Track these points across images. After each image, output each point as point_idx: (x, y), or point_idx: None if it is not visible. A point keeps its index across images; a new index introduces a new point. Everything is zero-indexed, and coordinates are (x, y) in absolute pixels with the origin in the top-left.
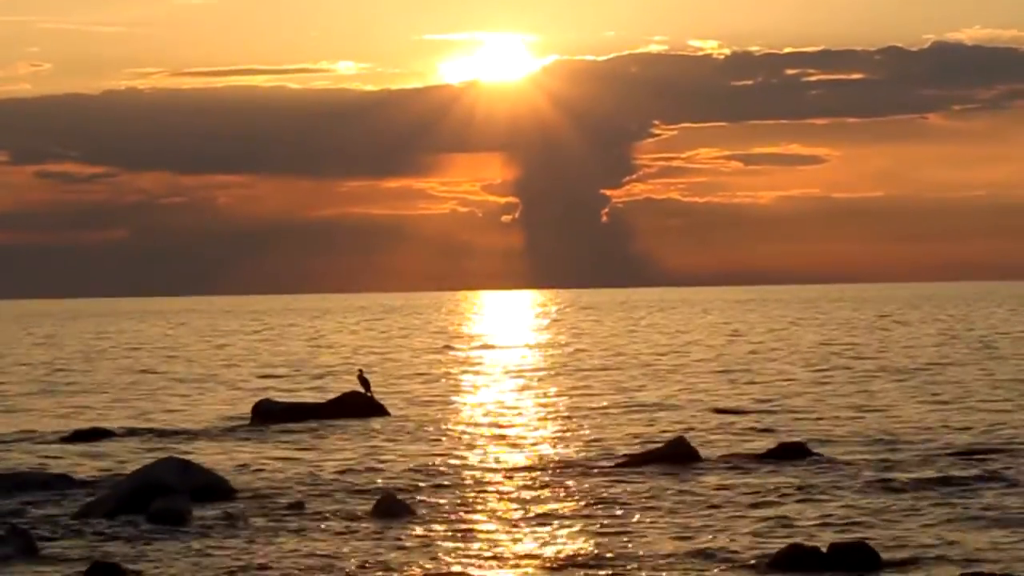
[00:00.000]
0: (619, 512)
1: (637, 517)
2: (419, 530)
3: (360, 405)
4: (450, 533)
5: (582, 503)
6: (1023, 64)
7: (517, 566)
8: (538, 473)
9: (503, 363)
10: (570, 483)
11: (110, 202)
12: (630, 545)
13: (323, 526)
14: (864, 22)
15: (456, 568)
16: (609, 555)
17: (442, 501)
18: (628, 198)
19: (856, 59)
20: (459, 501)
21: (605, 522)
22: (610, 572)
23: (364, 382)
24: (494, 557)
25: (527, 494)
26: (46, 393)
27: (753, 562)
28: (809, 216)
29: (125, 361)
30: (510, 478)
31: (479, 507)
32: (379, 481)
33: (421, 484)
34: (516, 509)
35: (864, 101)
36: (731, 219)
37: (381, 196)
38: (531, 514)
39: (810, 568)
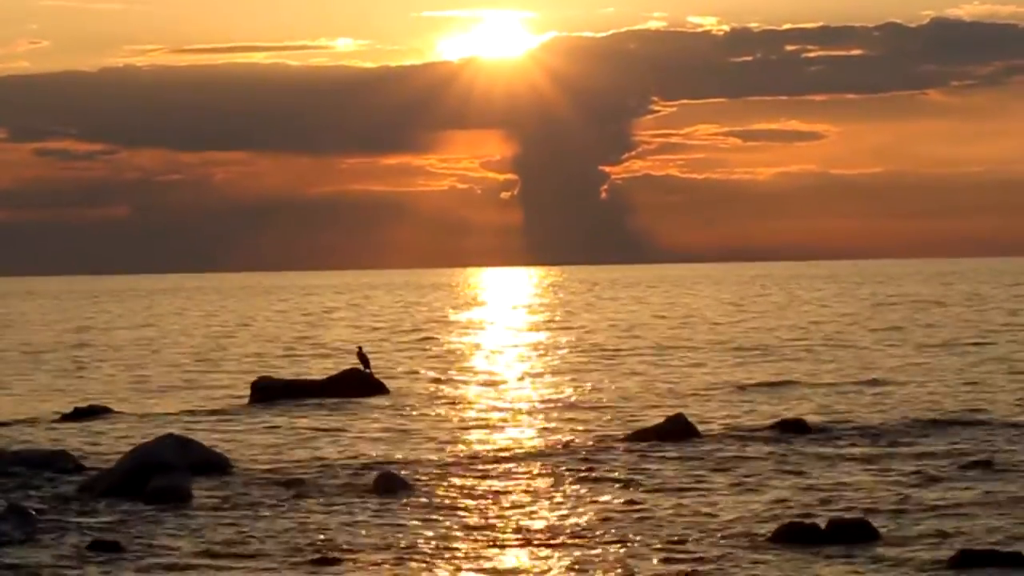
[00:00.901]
0: (617, 488)
1: (634, 493)
2: (418, 507)
3: (360, 383)
4: (449, 510)
5: (581, 480)
6: (1022, 40)
7: (516, 543)
8: (537, 451)
9: (506, 341)
10: (569, 460)
11: (108, 179)
12: (627, 521)
13: (322, 502)
14: None
15: (455, 544)
16: (605, 530)
17: (442, 478)
18: (627, 175)
19: (855, 35)
20: (458, 478)
21: (602, 498)
22: (606, 547)
23: (364, 359)
24: (493, 533)
25: (526, 471)
26: (45, 371)
27: (752, 539)
28: (808, 192)
29: (124, 338)
30: (510, 455)
31: (478, 484)
32: (378, 457)
33: (420, 461)
34: (515, 486)
35: (863, 77)
36: (730, 195)
37: (380, 173)
38: (530, 491)
39: (809, 544)
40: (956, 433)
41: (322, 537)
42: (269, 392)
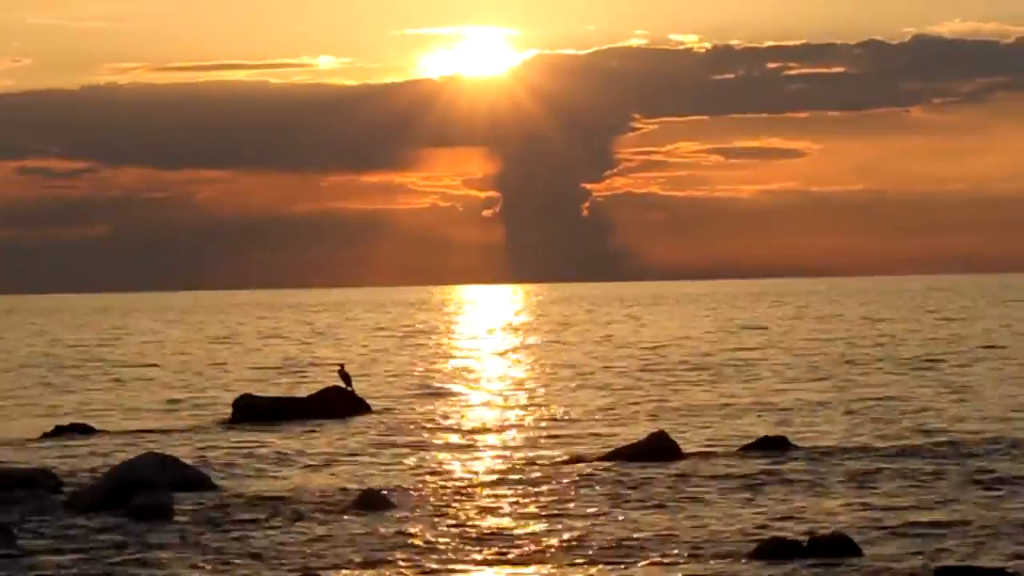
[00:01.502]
0: (599, 505)
1: (616, 510)
2: (400, 524)
3: (341, 400)
4: (431, 527)
5: (563, 497)
6: (1004, 57)
7: (498, 561)
8: (519, 469)
9: (487, 359)
10: (552, 478)
11: (91, 197)
12: (609, 537)
13: (304, 520)
14: (845, 16)
15: (437, 562)
16: (588, 547)
17: (424, 496)
18: (609, 192)
19: (837, 53)
20: (440, 495)
21: (585, 515)
22: (588, 563)
23: (345, 377)
24: (475, 551)
25: (508, 490)
26: (27, 389)
27: (733, 555)
28: (790, 210)
29: (106, 356)
30: (492, 474)
31: (460, 502)
32: (359, 475)
33: (403, 479)
34: (497, 504)
35: (845, 95)
36: (712, 213)
37: (362, 191)
38: (512, 509)
39: (790, 560)
40: (941, 452)
41: (304, 554)
42: (251, 410)
